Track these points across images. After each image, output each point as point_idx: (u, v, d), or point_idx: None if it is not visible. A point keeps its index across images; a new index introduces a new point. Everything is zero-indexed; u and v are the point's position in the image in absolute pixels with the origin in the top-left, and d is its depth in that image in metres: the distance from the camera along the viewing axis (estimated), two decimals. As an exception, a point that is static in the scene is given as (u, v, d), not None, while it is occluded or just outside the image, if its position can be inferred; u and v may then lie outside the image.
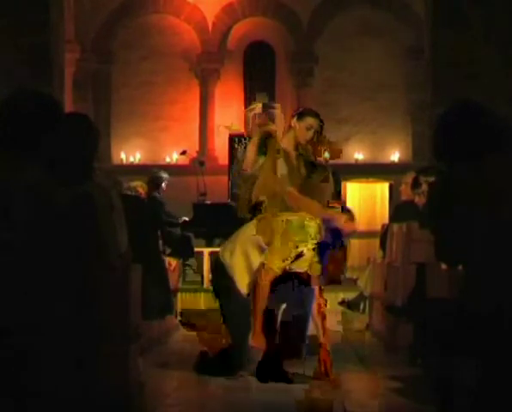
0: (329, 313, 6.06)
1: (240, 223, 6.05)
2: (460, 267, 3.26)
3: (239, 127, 13.68)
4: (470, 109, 3.19)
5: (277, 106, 6.09)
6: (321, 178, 5.81)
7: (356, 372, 6.03)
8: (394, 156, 15.62)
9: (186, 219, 11.84)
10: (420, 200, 6.87)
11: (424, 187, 6.71)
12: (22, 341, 2.76)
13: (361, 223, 14.21)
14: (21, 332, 2.76)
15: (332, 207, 5.72)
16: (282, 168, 5.74)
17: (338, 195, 6.55)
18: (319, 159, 5.88)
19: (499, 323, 2.95)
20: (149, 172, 12.02)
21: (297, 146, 5.86)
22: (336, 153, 6.07)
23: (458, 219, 3.10)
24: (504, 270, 2.99)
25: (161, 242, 8.49)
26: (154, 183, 11.05)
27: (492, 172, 3.08)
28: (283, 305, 5.76)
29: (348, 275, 9.10)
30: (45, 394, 2.79)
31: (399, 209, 7.93)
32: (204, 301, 9.99)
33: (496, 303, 2.97)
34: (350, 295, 9.03)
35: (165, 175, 11.42)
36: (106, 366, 3.65)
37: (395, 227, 6.95)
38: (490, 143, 3.12)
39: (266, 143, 5.78)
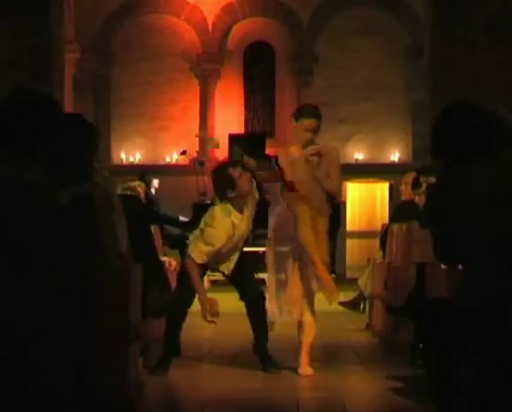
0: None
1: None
2: (460, 267, 3.27)
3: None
4: (467, 109, 3.19)
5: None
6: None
7: (356, 372, 6.03)
8: (394, 156, 15.63)
9: (186, 219, 11.86)
10: (420, 200, 6.86)
11: (424, 187, 6.71)
12: (22, 341, 2.76)
13: (361, 223, 14.25)
14: (20, 332, 2.76)
15: None
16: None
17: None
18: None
19: (498, 321, 2.95)
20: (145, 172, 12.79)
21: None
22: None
23: (454, 219, 3.10)
24: (502, 269, 2.99)
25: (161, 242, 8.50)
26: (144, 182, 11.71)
27: (488, 171, 3.08)
28: None
29: (348, 275, 9.11)
30: (46, 394, 2.79)
31: (399, 209, 7.92)
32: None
33: (494, 302, 2.97)
34: (350, 295, 9.02)
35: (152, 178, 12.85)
36: (105, 367, 3.64)
37: (395, 227, 6.95)
38: (486, 143, 3.12)
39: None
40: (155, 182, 13.41)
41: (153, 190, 13.29)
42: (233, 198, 5.67)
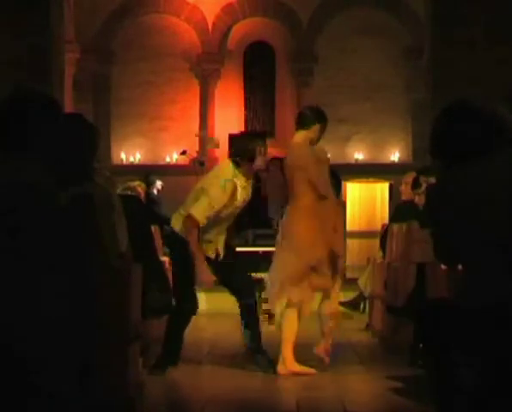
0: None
1: (238, 223, 6.09)
2: (460, 267, 3.27)
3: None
4: (467, 109, 3.19)
5: None
6: None
7: (356, 372, 6.03)
8: (394, 156, 15.62)
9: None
10: (420, 200, 6.87)
11: (424, 187, 6.71)
12: (22, 341, 2.76)
13: (361, 223, 14.24)
14: (20, 332, 2.76)
15: None
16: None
17: (337, 194, 6.57)
18: None
19: (498, 321, 2.95)
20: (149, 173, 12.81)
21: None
22: None
23: (454, 219, 3.10)
24: (502, 269, 2.99)
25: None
26: (146, 183, 11.72)
27: (488, 171, 3.08)
28: None
29: (348, 275, 9.10)
30: (46, 394, 2.79)
31: (399, 209, 7.93)
32: (203, 301, 9.96)
33: (494, 302, 2.97)
34: (350, 295, 9.03)
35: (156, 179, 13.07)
36: (105, 367, 3.64)
37: (395, 227, 6.96)
38: (486, 143, 3.12)
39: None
40: (159, 183, 13.42)
41: (155, 191, 13.31)
42: (244, 166, 5.95)
